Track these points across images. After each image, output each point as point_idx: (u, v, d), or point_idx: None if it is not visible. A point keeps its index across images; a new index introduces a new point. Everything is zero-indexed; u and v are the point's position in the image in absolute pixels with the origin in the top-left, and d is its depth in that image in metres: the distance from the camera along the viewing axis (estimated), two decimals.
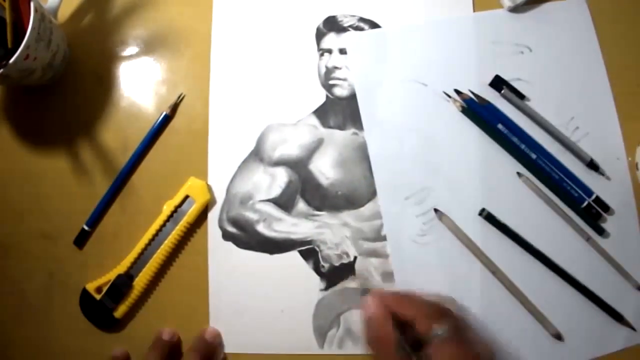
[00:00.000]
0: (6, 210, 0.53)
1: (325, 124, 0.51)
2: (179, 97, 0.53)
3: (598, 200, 0.46)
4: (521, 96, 0.48)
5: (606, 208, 0.46)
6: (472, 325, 0.42)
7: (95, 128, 0.53)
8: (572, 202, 0.46)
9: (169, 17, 0.55)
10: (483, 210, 0.47)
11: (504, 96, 0.48)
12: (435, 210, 0.47)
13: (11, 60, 0.43)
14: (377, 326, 0.38)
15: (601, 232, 0.46)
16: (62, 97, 0.54)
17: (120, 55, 0.55)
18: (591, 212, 0.46)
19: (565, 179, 0.47)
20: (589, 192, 0.46)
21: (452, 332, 0.36)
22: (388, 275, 0.48)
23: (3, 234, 0.53)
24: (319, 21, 0.53)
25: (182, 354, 0.49)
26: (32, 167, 0.53)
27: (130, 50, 0.55)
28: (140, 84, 0.54)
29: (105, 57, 0.55)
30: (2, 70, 0.43)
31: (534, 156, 0.47)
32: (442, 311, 0.39)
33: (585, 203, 0.46)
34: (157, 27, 0.55)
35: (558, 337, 0.45)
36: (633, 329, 0.45)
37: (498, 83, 0.48)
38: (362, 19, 0.52)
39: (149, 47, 0.55)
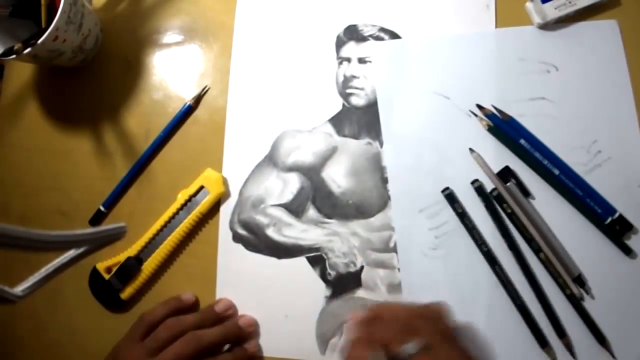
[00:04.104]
0: (29, 185, 0.53)
1: (340, 132, 0.49)
2: (203, 89, 0.51)
3: (621, 218, 0.43)
4: (526, 193, 0.45)
5: (629, 227, 0.43)
6: (455, 335, 0.38)
7: (120, 113, 0.52)
8: (596, 218, 0.44)
9: (201, 10, 0.54)
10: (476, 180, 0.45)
11: (509, 189, 0.45)
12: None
13: (40, 40, 0.42)
14: (354, 349, 0.36)
15: (628, 252, 0.43)
16: (91, 80, 0.54)
17: (151, 43, 0.54)
18: (615, 229, 0.43)
19: (588, 196, 0.44)
20: (612, 210, 0.43)
21: (423, 349, 0.34)
22: (394, 287, 0.45)
23: (24, 206, 0.53)
24: (339, 29, 0.50)
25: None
26: (56, 145, 0.53)
27: (162, 39, 0.54)
28: (168, 73, 0.53)
29: (137, 45, 0.54)
30: (30, 49, 0.42)
31: (556, 172, 0.44)
32: (412, 328, 0.36)
33: (609, 220, 0.43)
34: (189, 19, 0.54)
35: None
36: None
37: (506, 174, 0.45)
38: (382, 29, 0.50)
39: (180, 38, 0.54)
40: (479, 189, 0.45)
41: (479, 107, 0.46)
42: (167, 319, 0.43)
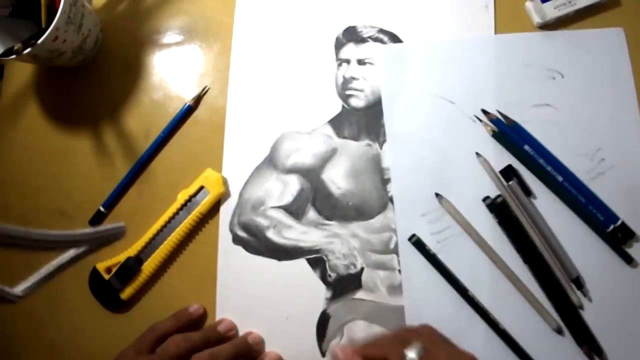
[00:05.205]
0: (29, 185, 0.53)
1: (339, 134, 0.49)
2: (203, 89, 0.51)
3: (624, 226, 0.43)
4: (528, 192, 0.45)
5: (631, 234, 0.43)
6: (447, 338, 0.39)
7: (120, 113, 0.52)
8: (598, 226, 0.44)
9: (201, 10, 0.54)
10: (487, 197, 0.45)
11: (511, 188, 0.45)
12: (437, 194, 0.45)
13: (39, 41, 0.42)
14: None
15: (629, 260, 0.43)
16: (91, 80, 0.54)
17: (151, 43, 0.54)
18: (617, 237, 0.43)
19: (591, 203, 0.44)
20: (614, 218, 0.43)
21: (426, 351, 0.34)
22: (394, 289, 0.45)
23: (24, 206, 0.53)
24: (338, 31, 0.50)
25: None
26: (56, 145, 0.53)
27: (161, 39, 0.54)
28: (167, 73, 0.53)
29: (137, 45, 0.54)
30: (30, 49, 0.42)
31: (560, 178, 0.44)
32: (409, 335, 0.37)
33: (611, 227, 0.43)
34: (189, 19, 0.54)
35: (559, 331, 0.43)
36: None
37: (509, 173, 0.45)
38: (382, 31, 0.50)
39: (179, 38, 0.53)
40: (491, 205, 0.44)
41: (484, 112, 0.46)
42: (176, 332, 0.43)
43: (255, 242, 0.48)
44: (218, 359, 0.41)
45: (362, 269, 0.46)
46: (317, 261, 0.47)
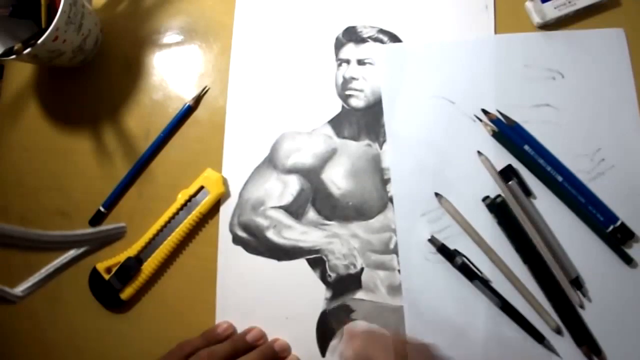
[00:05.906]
0: (28, 186, 0.53)
1: (339, 134, 0.49)
2: (203, 89, 0.51)
3: (623, 226, 0.43)
4: (528, 193, 0.45)
5: (631, 235, 0.43)
6: None
7: (120, 113, 0.52)
8: (597, 226, 0.44)
9: (201, 10, 0.54)
10: (487, 197, 0.45)
11: (511, 188, 0.45)
12: (437, 194, 0.45)
13: (39, 41, 0.42)
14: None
15: (629, 261, 0.43)
16: (91, 81, 0.54)
17: (151, 43, 0.54)
18: (616, 238, 0.43)
19: (591, 203, 0.44)
20: (614, 219, 0.43)
21: None
22: (394, 289, 0.45)
23: (24, 207, 0.53)
24: (338, 31, 0.50)
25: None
26: (56, 145, 0.53)
27: (161, 39, 0.54)
28: (167, 73, 0.53)
29: (137, 45, 0.54)
30: (30, 49, 0.42)
31: (560, 179, 0.44)
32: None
33: (611, 228, 0.43)
34: (189, 19, 0.54)
35: (558, 331, 0.43)
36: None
37: (508, 173, 0.45)
38: (381, 31, 0.50)
39: (179, 38, 0.53)
40: (491, 205, 0.44)
41: (484, 112, 0.46)
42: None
43: (255, 242, 0.48)
44: None
45: (362, 269, 0.46)
46: (317, 261, 0.47)
